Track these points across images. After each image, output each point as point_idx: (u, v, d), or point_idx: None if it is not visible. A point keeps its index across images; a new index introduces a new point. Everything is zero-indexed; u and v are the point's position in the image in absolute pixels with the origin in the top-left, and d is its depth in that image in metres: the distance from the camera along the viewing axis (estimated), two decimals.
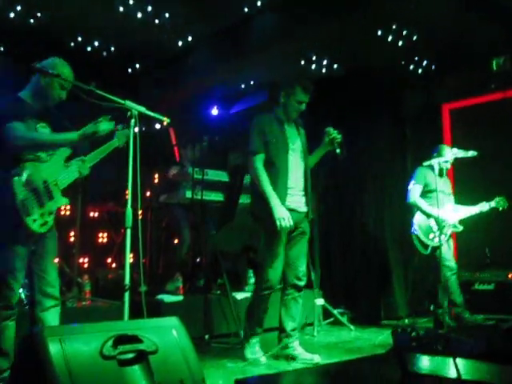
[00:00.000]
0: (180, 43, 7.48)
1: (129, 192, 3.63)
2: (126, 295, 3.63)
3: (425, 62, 7.49)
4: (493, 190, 6.85)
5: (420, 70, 7.68)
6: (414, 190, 6.45)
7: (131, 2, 6.42)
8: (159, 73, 8.11)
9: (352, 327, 6.71)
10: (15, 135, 3.69)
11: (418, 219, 6.44)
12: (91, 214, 7.71)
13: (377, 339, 5.95)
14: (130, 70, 8.16)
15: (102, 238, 7.89)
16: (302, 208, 5.07)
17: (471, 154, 6.23)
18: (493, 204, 6.52)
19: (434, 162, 6.16)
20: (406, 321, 7.38)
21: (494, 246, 7.27)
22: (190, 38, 7.34)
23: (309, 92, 5.07)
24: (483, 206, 6.54)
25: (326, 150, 5.17)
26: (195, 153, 6.73)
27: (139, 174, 3.63)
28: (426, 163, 6.27)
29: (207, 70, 7.58)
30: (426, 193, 6.47)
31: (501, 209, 6.52)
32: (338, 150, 5.00)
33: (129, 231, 3.63)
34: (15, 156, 3.76)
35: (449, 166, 6.51)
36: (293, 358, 4.91)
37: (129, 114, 3.70)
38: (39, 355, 2.57)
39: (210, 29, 7.17)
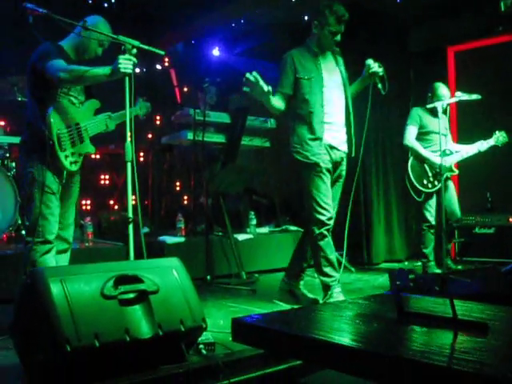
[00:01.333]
0: None
1: (127, 129, 3.69)
2: (130, 227, 3.66)
3: (431, 3, 7.35)
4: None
5: (426, 11, 7.55)
6: (409, 132, 6.26)
7: None
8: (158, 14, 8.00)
9: (353, 269, 6.76)
10: (59, 68, 3.73)
11: (412, 163, 6.25)
12: (93, 156, 7.71)
13: (377, 281, 6.01)
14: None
15: (104, 180, 7.89)
16: (343, 146, 4.81)
17: (475, 97, 6.08)
18: (492, 141, 6.29)
19: (438, 104, 6.03)
20: (406, 263, 7.45)
21: (495, 190, 7.27)
22: None
23: (344, 21, 4.67)
24: (481, 145, 6.31)
25: (365, 83, 4.86)
26: (212, 96, 6.67)
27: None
28: (429, 106, 6.17)
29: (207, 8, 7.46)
30: (421, 134, 6.27)
31: (500, 145, 6.28)
32: (379, 85, 4.70)
33: (129, 165, 3.66)
34: (53, 96, 3.86)
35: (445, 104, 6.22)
36: (296, 298, 4.90)
37: (123, 48, 3.73)
38: (41, 295, 2.61)
39: None
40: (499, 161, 7.06)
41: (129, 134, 3.69)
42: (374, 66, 4.72)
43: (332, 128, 4.71)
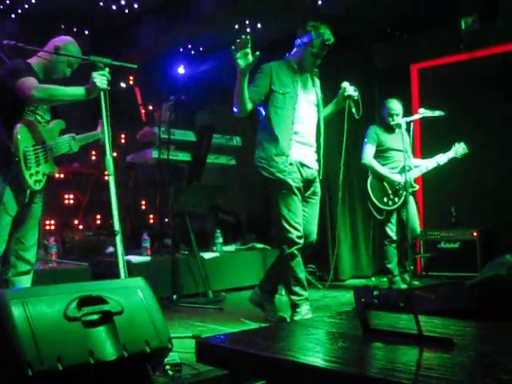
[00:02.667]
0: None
1: (106, 142, 3.69)
2: (118, 239, 3.66)
3: (392, 22, 7.46)
4: None
5: (388, 30, 7.66)
6: (367, 151, 6.22)
7: None
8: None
9: (320, 286, 6.77)
10: (31, 86, 3.71)
11: (371, 182, 6.21)
12: (56, 175, 7.62)
13: (344, 297, 6.02)
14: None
15: (68, 199, 7.80)
16: (314, 164, 4.81)
17: (438, 113, 6.15)
18: (451, 154, 6.24)
19: (402, 121, 6.08)
20: (373, 279, 7.49)
21: (459, 205, 7.36)
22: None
23: (328, 46, 4.66)
24: (440, 158, 6.26)
25: (339, 106, 4.89)
26: (170, 114, 6.63)
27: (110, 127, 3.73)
28: (393, 123, 6.20)
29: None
30: (379, 152, 6.26)
31: (459, 156, 6.25)
32: (353, 109, 4.74)
33: (112, 178, 3.66)
34: (20, 113, 3.84)
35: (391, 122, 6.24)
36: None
37: (95, 67, 3.72)
38: (1, 318, 2.54)
39: None
40: (463, 175, 7.16)
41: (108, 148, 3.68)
42: (350, 89, 4.73)
43: (302, 146, 4.68)
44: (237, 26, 7.61)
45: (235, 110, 4.57)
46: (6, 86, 3.76)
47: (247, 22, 7.51)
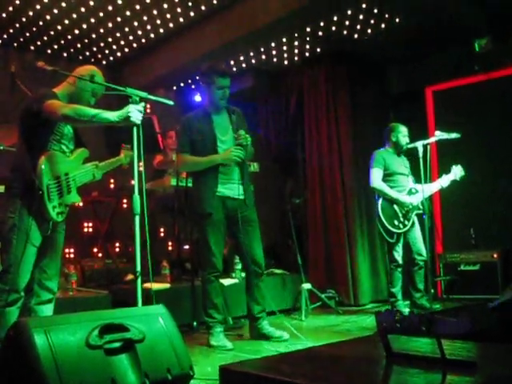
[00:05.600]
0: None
1: (134, 179, 3.78)
2: (138, 282, 3.72)
3: (407, 45, 7.49)
4: (477, 171, 6.89)
5: (403, 53, 7.70)
6: (375, 175, 6.24)
7: None
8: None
9: (340, 311, 6.74)
10: (59, 105, 3.76)
11: (382, 205, 6.20)
12: (76, 204, 7.68)
13: (364, 322, 5.98)
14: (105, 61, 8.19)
15: (88, 227, 7.85)
16: (239, 195, 5.13)
17: (454, 135, 6.16)
18: (451, 176, 6.32)
19: (418, 144, 6.10)
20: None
21: (478, 226, 7.31)
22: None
23: (227, 75, 5.10)
24: (443, 180, 6.34)
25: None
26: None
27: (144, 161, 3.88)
28: (410, 146, 6.22)
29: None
30: (386, 176, 6.27)
31: (459, 179, 6.32)
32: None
33: (137, 218, 3.69)
34: (44, 143, 3.86)
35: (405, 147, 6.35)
36: (265, 337, 5.07)
37: (131, 100, 3.76)
38: (25, 347, 2.56)
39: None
40: (482, 197, 7.13)
41: (137, 185, 3.77)
42: (246, 137, 5.04)
43: (226, 181, 5.09)
44: (252, 53, 7.71)
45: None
46: (32, 111, 3.79)
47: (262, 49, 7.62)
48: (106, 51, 8.04)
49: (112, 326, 2.81)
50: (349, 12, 6.61)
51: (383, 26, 6.95)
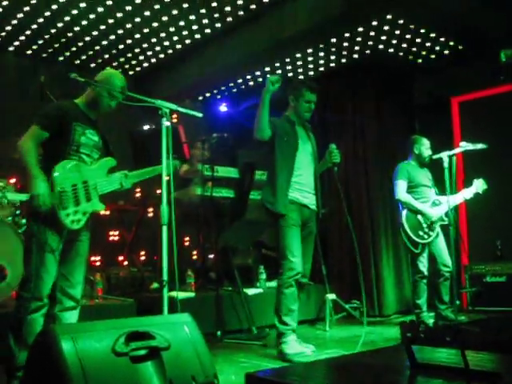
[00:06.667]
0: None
1: (162, 190, 3.85)
2: (165, 291, 3.80)
3: (433, 55, 7.49)
4: (503, 181, 6.85)
5: (428, 63, 7.69)
6: (400, 187, 6.28)
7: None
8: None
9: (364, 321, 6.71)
10: (26, 135, 3.87)
11: (407, 216, 6.23)
12: (102, 213, 7.75)
13: (388, 333, 5.96)
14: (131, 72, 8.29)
15: (113, 236, 7.91)
16: (313, 206, 5.23)
17: (480, 146, 6.15)
18: (473, 189, 6.33)
19: (443, 154, 6.09)
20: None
21: (504, 237, 7.25)
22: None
23: (315, 91, 5.27)
24: (465, 193, 6.34)
25: (325, 166, 5.42)
26: (205, 151, 6.72)
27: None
28: (435, 157, 6.22)
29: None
30: (410, 188, 6.30)
31: (481, 192, 6.33)
32: (335, 169, 5.29)
33: (165, 228, 3.75)
34: (62, 154, 3.93)
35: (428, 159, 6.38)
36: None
37: (160, 112, 3.80)
38: (52, 353, 2.60)
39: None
40: (507, 208, 7.08)
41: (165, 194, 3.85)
42: (337, 155, 5.20)
43: (302, 188, 5.14)
44: (277, 64, 7.75)
45: (256, 133, 5.07)
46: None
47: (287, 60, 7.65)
48: (133, 62, 8.11)
49: (138, 334, 2.83)
50: (374, 23, 6.61)
51: (408, 36, 6.95)
